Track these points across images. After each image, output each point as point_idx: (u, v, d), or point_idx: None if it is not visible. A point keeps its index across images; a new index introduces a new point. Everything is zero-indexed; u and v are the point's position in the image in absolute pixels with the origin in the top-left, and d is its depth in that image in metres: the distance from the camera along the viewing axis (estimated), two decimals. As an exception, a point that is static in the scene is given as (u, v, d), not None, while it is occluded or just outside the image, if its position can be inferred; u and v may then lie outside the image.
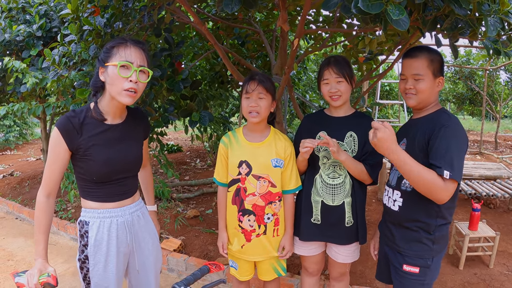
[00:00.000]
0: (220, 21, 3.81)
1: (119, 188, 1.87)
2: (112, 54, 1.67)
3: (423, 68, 1.85)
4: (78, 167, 1.78)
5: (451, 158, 1.68)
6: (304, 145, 2.05)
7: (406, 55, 1.92)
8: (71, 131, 1.70)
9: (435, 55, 1.87)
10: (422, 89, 1.86)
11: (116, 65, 1.64)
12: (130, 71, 1.66)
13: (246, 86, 2.12)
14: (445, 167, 1.66)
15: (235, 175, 2.22)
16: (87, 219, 1.83)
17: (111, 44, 1.70)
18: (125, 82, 1.66)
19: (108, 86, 1.70)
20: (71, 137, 1.70)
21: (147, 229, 2.03)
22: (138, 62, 1.69)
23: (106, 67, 1.68)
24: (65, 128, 1.69)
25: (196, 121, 2.93)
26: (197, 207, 5.38)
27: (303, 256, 2.41)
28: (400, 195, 1.95)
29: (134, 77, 1.67)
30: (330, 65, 2.12)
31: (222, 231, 2.35)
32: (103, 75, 1.71)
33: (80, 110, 1.77)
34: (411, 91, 1.89)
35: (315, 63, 8.53)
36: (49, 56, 2.90)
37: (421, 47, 1.90)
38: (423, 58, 1.85)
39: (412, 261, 1.91)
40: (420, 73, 1.85)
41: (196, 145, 10.81)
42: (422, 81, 1.86)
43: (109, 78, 1.67)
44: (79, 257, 1.84)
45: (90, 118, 1.76)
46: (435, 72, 1.86)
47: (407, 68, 1.91)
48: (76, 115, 1.74)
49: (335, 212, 2.20)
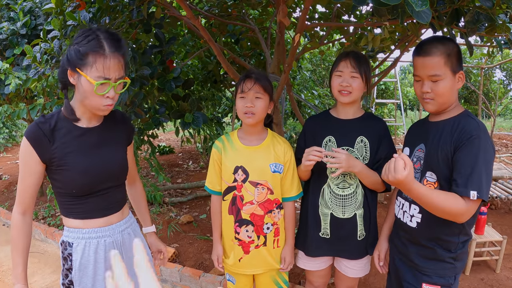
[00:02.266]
0: (214, 17, 3.64)
1: (104, 202, 1.66)
2: (86, 63, 1.42)
3: (440, 66, 1.59)
4: (54, 180, 1.57)
5: (479, 175, 1.48)
6: (309, 157, 1.84)
7: (418, 52, 1.66)
8: (41, 140, 1.48)
9: (451, 47, 1.60)
10: (442, 91, 1.61)
11: (93, 84, 1.42)
12: (108, 87, 1.46)
13: (242, 84, 1.91)
14: (472, 186, 1.47)
15: (230, 182, 2.02)
16: (71, 239, 1.62)
17: (85, 48, 1.42)
18: (102, 99, 1.47)
19: (80, 96, 1.50)
20: (42, 146, 1.49)
21: None
22: (116, 75, 1.47)
23: (78, 73, 1.45)
24: (34, 136, 1.48)
25: (189, 123, 2.74)
26: (191, 212, 5.20)
27: (309, 270, 2.23)
28: (418, 210, 1.74)
29: (112, 93, 1.48)
30: (348, 57, 1.91)
31: (216, 243, 2.16)
32: (74, 79, 1.48)
33: (51, 114, 1.55)
34: (429, 95, 1.64)
35: (310, 62, 8.39)
36: (30, 53, 2.71)
37: (432, 40, 1.64)
38: (439, 54, 1.59)
39: (431, 279, 1.72)
40: (437, 73, 1.59)
41: (189, 146, 10.63)
42: (441, 82, 1.60)
43: (82, 89, 1.46)
44: (63, 281, 1.63)
45: (62, 122, 1.54)
46: (454, 68, 1.60)
47: (421, 68, 1.64)
48: (47, 121, 1.52)
49: (346, 225, 2.01)
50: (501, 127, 16.91)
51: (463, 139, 1.55)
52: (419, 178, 1.75)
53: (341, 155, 1.82)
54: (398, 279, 1.92)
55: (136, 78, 2.52)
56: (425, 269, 1.74)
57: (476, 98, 12.72)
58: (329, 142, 2.01)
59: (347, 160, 1.82)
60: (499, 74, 13.15)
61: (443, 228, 1.67)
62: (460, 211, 1.48)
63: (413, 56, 1.71)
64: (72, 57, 1.45)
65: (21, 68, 3.44)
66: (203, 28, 2.46)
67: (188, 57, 3.92)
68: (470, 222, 1.66)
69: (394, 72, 9.30)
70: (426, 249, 1.73)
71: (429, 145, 1.69)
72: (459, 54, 1.63)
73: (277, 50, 3.25)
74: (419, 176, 1.75)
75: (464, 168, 1.52)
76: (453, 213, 1.49)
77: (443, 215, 1.52)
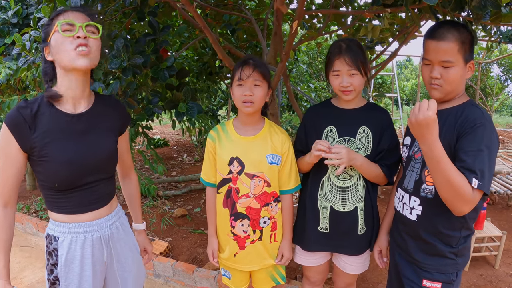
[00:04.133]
0: (209, 7, 3.54)
1: (91, 196, 1.55)
2: (52, 26, 1.39)
3: (454, 52, 1.52)
4: (37, 172, 1.47)
5: (482, 165, 1.41)
6: (318, 147, 1.78)
7: (432, 35, 1.57)
8: (21, 126, 1.39)
9: (466, 34, 1.53)
10: (452, 78, 1.54)
11: (57, 30, 1.36)
12: (75, 30, 1.37)
13: (239, 71, 1.81)
14: (474, 174, 1.40)
15: (225, 174, 1.94)
16: (56, 233, 1.53)
17: (51, 17, 1.42)
18: (73, 42, 1.37)
19: (57, 59, 1.41)
20: (22, 134, 1.39)
21: (126, 242, 1.73)
22: (81, 20, 1.40)
23: (49, 42, 1.40)
24: (13, 122, 1.38)
25: (183, 113, 2.64)
26: (185, 205, 5.11)
27: (306, 266, 2.16)
28: (419, 202, 1.67)
29: (82, 33, 1.38)
30: (342, 54, 1.79)
31: (212, 237, 2.09)
32: (50, 54, 1.42)
33: (34, 99, 1.45)
34: (437, 81, 1.57)
35: (306, 55, 8.30)
36: (19, 41, 2.61)
37: (447, 24, 1.56)
38: (454, 40, 1.51)
39: (432, 276, 1.65)
40: (450, 60, 1.52)
41: (184, 139, 10.53)
42: (452, 68, 1.53)
43: (54, 49, 1.39)
44: (48, 277, 1.55)
45: (46, 108, 1.44)
46: (466, 56, 1.54)
47: (433, 52, 1.56)
48: (28, 106, 1.42)
49: (346, 219, 1.94)
50: (497, 123, 16.87)
51: (466, 127, 1.49)
52: (420, 168, 1.68)
53: (341, 150, 1.75)
54: (398, 274, 1.85)
55: (128, 67, 2.43)
56: (425, 265, 1.68)
57: (473, 93, 12.67)
58: (330, 132, 1.94)
59: (347, 154, 1.76)
60: (496, 69, 13.13)
61: (444, 221, 1.60)
62: (467, 196, 1.40)
63: (425, 39, 1.62)
64: (42, 35, 1.44)
65: (11, 57, 3.34)
66: (199, 16, 2.37)
67: (183, 48, 3.83)
68: (472, 216, 1.60)
69: (392, 66, 9.22)
70: (427, 243, 1.66)
71: None
72: (472, 43, 1.57)
73: (273, 40, 3.16)
74: (420, 167, 1.68)
75: (465, 154, 1.45)
76: (461, 194, 1.39)
77: (451, 193, 1.42)
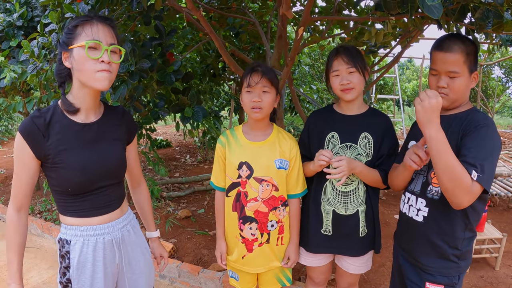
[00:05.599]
0: (213, 10, 3.58)
1: (102, 200, 1.60)
2: (76, 35, 1.42)
3: (459, 64, 1.59)
4: (50, 178, 1.52)
5: (483, 159, 1.46)
6: (320, 157, 1.84)
7: (439, 47, 1.65)
8: (35, 135, 1.43)
9: (471, 46, 1.61)
10: (457, 88, 1.61)
11: (83, 46, 1.38)
12: (101, 51, 1.41)
13: (248, 78, 1.86)
14: (474, 167, 1.44)
15: (234, 178, 1.98)
16: (68, 237, 1.57)
17: (74, 23, 1.43)
18: (97, 64, 1.41)
19: (76, 73, 1.45)
20: (36, 142, 1.44)
21: (138, 245, 1.77)
22: (107, 40, 1.44)
23: (71, 50, 1.42)
24: (28, 131, 1.43)
25: (189, 117, 2.69)
26: (188, 206, 5.15)
27: (310, 267, 2.20)
28: (425, 203, 1.71)
29: (106, 57, 1.42)
30: (339, 54, 1.88)
31: (220, 240, 2.12)
32: (68, 61, 1.45)
33: (46, 108, 1.50)
34: (444, 90, 1.63)
35: (309, 56, 8.34)
36: (27, 48, 2.64)
37: (453, 37, 1.64)
38: (460, 52, 1.59)
39: (435, 279, 1.70)
40: (456, 70, 1.59)
41: (186, 140, 10.57)
42: (458, 79, 1.60)
43: (76, 62, 1.42)
44: (61, 280, 1.58)
45: (58, 117, 1.49)
46: (471, 67, 1.61)
47: (441, 63, 1.63)
48: (42, 115, 1.46)
49: (348, 222, 1.99)
50: (499, 124, 16.90)
51: (470, 127, 1.56)
52: (427, 171, 1.73)
53: (341, 163, 1.81)
54: (401, 277, 1.89)
55: (135, 71, 2.47)
56: (428, 268, 1.72)
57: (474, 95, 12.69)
58: (333, 138, 1.98)
59: (348, 165, 1.82)
60: (498, 71, 13.14)
61: (450, 222, 1.64)
62: (466, 186, 1.44)
63: (432, 50, 1.69)
64: (63, 38, 1.45)
65: (17, 61, 3.38)
66: (205, 20, 2.41)
67: (187, 51, 3.87)
68: (475, 218, 1.65)
69: (393, 68, 9.26)
70: (431, 245, 1.70)
71: None
72: (476, 55, 1.64)
73: (278, 43, 3.20)
74: (427, 169, 1.73)
75: (470, 150, 1.50)
76: (460, 183, 1.43)
77: (452, 181, 1.45)
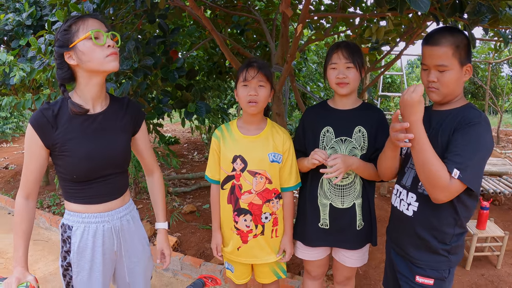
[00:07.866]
0: (219, 8, 3.63)
1: (105, 188, 1.68)
2: (74, 32, 1.51)
3: (448, 57, 1.58)
4: (57, 165, 1.61)
5: (468, 157, 1.47)
6: (314, 156, 1.88)
7: (426, 42, 1.64)
8: (45, 126, 1.53)
9: (460, 38, 1.59)
10: (447, 81, 1.60)
11: (88, 36, 1.48)
12: (103, 38, 1.52)
13: (244, 72, 1.92)
14: (456, 164, 1.46)
15: (229, 171, 2.04)
16: (70, 223, 1.66)
17: (68, 23, 1.52)
18: (104, 50, 1.52)
19: (84, 65, 1.53)
20: (45, 132, 1.53)
21: (137, 235, 1.84)
22: (103, 29, 1.54)
23: (74, 47, 1.50)
24: (38, 122, 1.52)
25: (192, 112, 2.75)
26: (194, 201, 5.23)
27: (307, 260, 2.24)
28: (415, 198, 1.72)
29: (111, 41, 1.53)
30: (340, 49, 1.93)
31: (216, 232, 2.18)
32: (73, 58, 1.53)
33: (55, 102, 1.59)
34: (434, 84, 1.64)
35: (316, 54, 8.34)
36: (35, 44, 2.72)
37: (442, 30, 1.63)
38: (447, 45, 1.57)
39: (425, 272, 1.71)
40: (444, 64, 1.58)
41: (194, 137, 10.65)
42: (447, 72, 1.59)
43: (84, 55, 1.50)
44: (62, 263, 1.67)
45: (66, 108, 1.57)
46: (461, 60, 1.59)
47: (429, 57, 1.63)
48: (50, 107, 1.56)
49: (345, 215, 2.03)
50: (508, 123, 16.73)
51: (462, 123, 1.56)
52: None
53: (337, 161, 1.84)
54: (393, 270, 1.92)
55: (139, 68, 2.53)
56: (419, 262, 1.73)
57: (483, 93, 12.62)
58: (327, 133, 2.02)
59: (343, 163, 1.84)
60: (507, 69, 12.99)
61: (439, 218, 1.65)
62: (442, 183, 1.46)
63: (422, 45, 1.70)
64: (60, 40, 1.53)
65: (26, 59, 3.46)
66: (206, 18, 2.46)
67: (193, 48, 3.92)
68: (465, 215, 1.65)
69: (401, 66, 9.25)
70: (421, 239, 1.72)
71: (430, 132, 1.66)
72: (469, 47, 1.62)
73: (281, 41, 3.24)
74: None
75: (454, 146, 1.52)
76: (436, 179, 1.46)
77: (427, 177, 1.49)
